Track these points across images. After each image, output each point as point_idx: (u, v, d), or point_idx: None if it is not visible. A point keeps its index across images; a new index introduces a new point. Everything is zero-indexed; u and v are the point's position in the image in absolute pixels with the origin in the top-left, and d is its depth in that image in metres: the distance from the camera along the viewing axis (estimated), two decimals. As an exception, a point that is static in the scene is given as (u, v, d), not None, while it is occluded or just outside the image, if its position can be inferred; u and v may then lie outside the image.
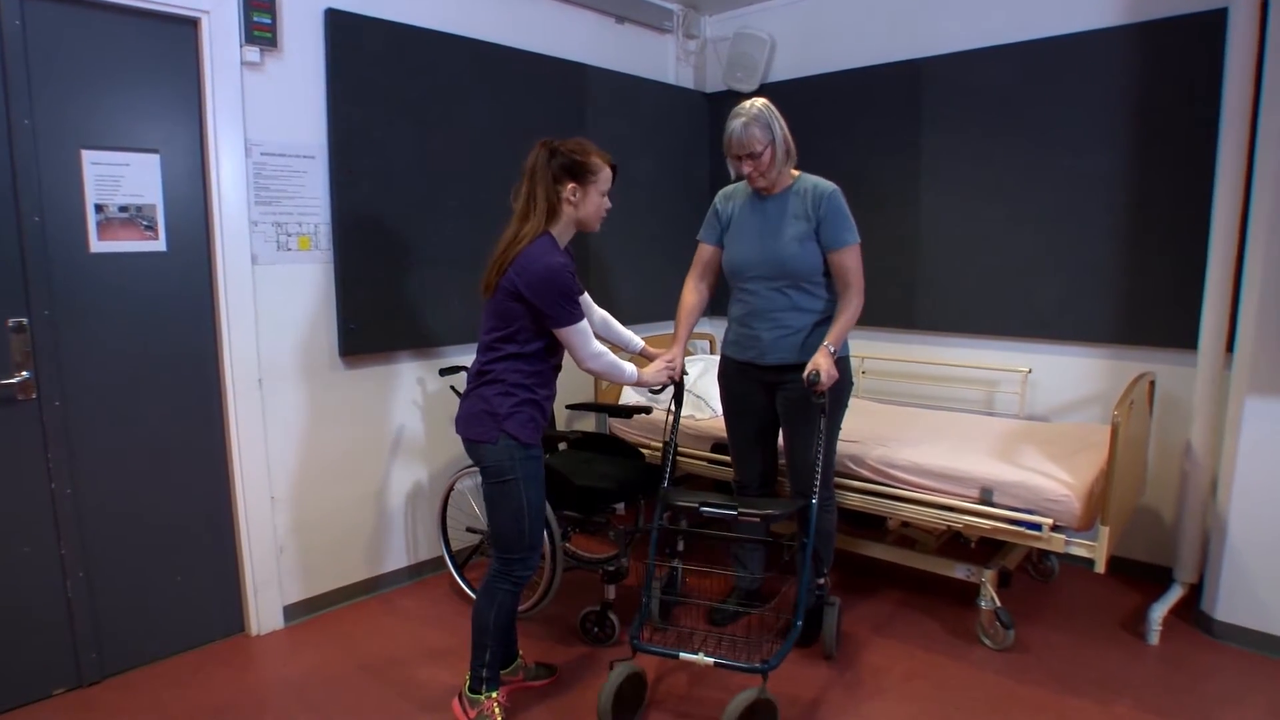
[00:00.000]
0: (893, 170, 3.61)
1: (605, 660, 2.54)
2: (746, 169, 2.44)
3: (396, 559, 3.20)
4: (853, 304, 2.44)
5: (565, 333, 2.11)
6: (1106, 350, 3.20)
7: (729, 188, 2.67)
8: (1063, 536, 2.46)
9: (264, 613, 2.81)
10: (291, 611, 2.89)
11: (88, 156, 2.37)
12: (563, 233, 2.16)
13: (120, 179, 2.43)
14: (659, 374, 2.40)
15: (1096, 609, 2.95)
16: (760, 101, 2.43)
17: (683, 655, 2.19)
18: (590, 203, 2.17)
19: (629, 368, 2.28)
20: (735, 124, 2.40)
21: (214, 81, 2.54)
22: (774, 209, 2.51)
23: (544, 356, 2.17)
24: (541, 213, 2.10)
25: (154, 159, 2.49)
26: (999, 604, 2.66)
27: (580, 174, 2.12)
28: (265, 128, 2.67)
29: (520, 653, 2.47)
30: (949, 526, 2.68)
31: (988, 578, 2.67)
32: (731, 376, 2.69)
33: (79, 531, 2.43)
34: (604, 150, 2.19)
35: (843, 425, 2.66)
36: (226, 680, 2.52)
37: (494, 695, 2.22)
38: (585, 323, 2.14)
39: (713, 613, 2.82)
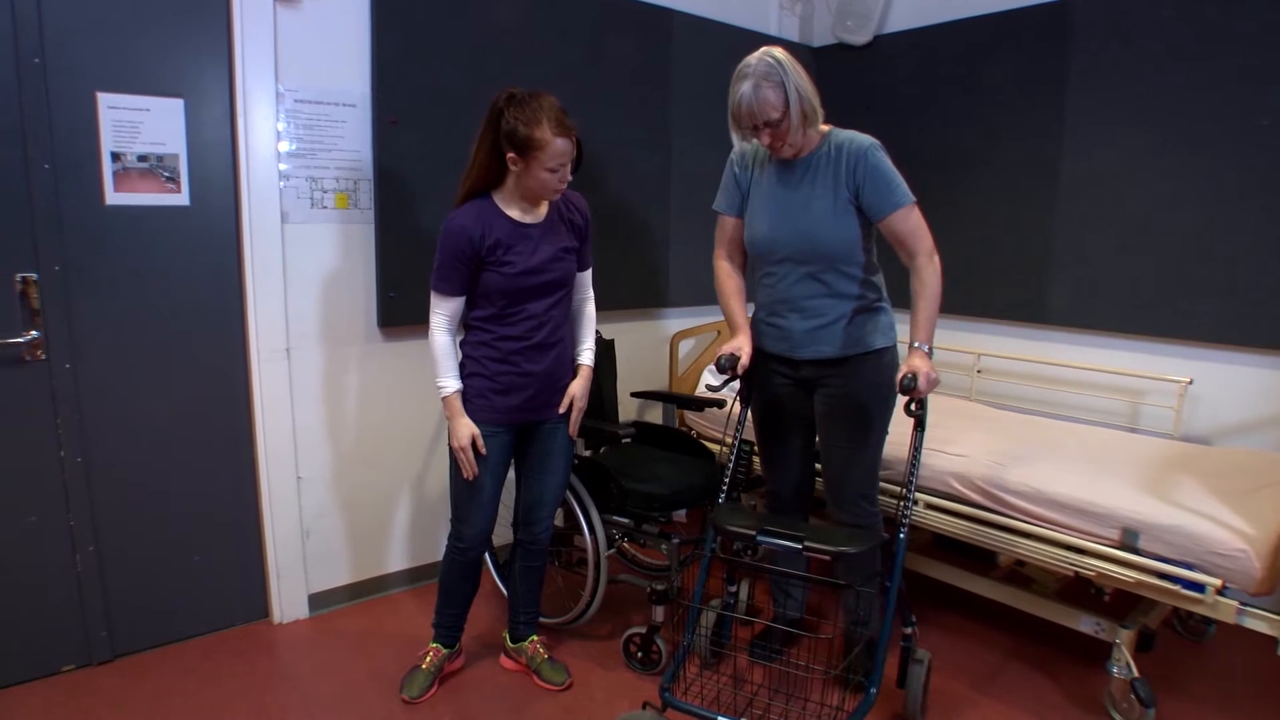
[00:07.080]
0: (1030, 134, 3.02)
1: (644, 692, 2.19)
2: (766, 140, 1.98)
3: (436, 551, 2.95)
4: (928, 276, 1.98)
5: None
6: (1297, 361, 2.56)
7: (745, 145, 2.17)
8: (1234, 603, 1.91)
9: (287, 600, 2.61)
10: (318, 600, 2.69)
11: (104, 100, 2.17)
12: (509, 196, 2.04)
13: (140, 125, 2.23)
14: (458, 428, 2.08)
15: (1268, 686, 2.35)
16: (774, 53, 1.92)
17: (720, 720, 1.79)
18: (533, 177, 1.96)
19: (441, 384, 2.09)
20: (743, 87, 1.91)
21: (243, 19, 2.30)
22: (800, 176, 2.06)
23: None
24: (478, 172, 2.00)
25: (177, 104, 2.28)
26: (1136, 673, 2.13)
27: (521, 147, 1.92)
28: (300, 72, 2.42)
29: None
30: (1077, 572, 2.16)
31: (1123, 639, 2.13)
32: (761, 371, 2.25)
33: (89, 502, 2.27)
34: (568, 119, 1.92)
35: (953, 438, 2.18)
36: (234, 671, 2.33)
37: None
38: (437, 294, 2.06)
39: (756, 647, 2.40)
